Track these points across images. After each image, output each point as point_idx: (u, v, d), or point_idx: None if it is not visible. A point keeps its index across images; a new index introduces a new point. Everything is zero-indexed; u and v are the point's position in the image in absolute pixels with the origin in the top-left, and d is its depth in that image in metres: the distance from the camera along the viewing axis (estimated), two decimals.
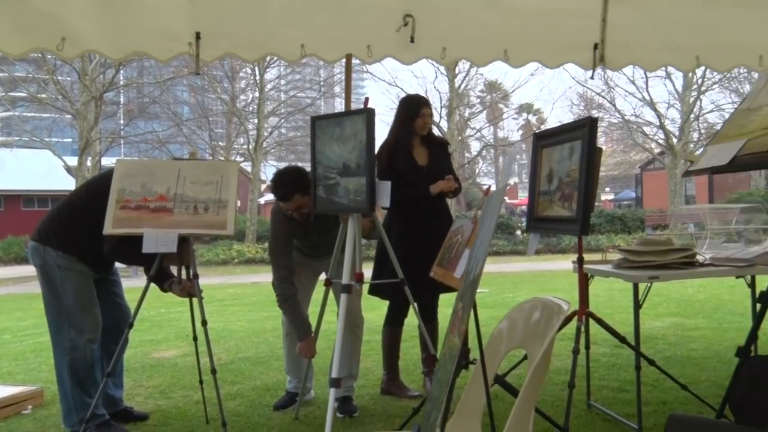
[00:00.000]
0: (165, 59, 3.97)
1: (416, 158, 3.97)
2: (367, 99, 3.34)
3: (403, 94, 6.39)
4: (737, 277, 3.41)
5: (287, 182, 3.56)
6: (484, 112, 29.40)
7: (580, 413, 3.65)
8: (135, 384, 4.60)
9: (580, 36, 4.20)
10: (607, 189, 40.79)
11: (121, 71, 22.62)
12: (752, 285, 3.78)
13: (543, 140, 3.30)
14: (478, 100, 29.52)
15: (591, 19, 4.12)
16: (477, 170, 34.97)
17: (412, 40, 3.89)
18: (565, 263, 6.53)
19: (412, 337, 4.76)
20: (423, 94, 5.22)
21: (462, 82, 23.18)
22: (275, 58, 10.48)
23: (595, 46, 4.20)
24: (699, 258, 3.42)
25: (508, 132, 37.70)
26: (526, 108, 36.90)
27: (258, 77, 23.26)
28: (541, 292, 3.79)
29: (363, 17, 3.92)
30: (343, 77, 5.63)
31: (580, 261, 3.11)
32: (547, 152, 3.21)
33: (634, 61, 4.54)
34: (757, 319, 2.34)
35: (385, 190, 3.26)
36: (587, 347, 3.73)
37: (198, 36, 3.76)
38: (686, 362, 4.77)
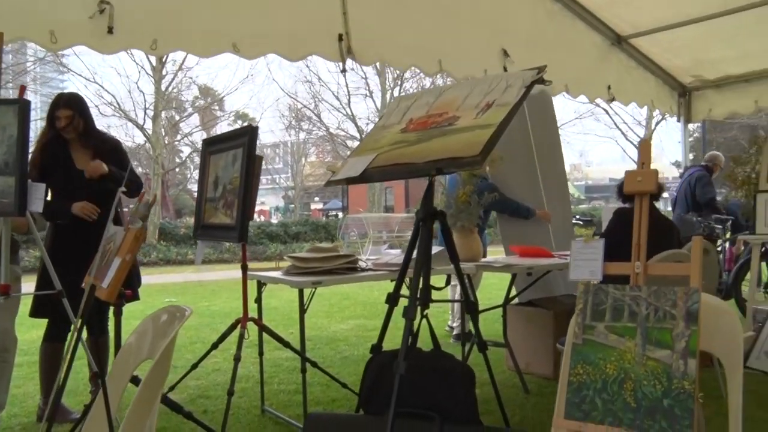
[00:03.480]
0: None
1: (75, 161, 3.65)
2: (23, 87, 2.97)
3: (104, 93, 5.82)
4: (392, 281, 3.74)
5: None
6: (195, 116, 28.66)
7: (253, 419, 3.68)
8: None
9: (324, 27, 4.09)
10: (317, 198, 42.64)
11: None
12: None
13: (211, 146, 3.27)
14: (188, 103, 28.68)
15: (332, 9, 4.09)
16: (189, 176, 33.90)
17: (110, 31, 3.46)
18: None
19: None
20: (127, 94, 4.79)
21: (170, 85, 22.29)
22: None
23: (340, 38, 4.09)
24: (361, 264, 3.68)
25: None
26: (241, 116, 36.91)
27: None
28: (237, 299, 3.78)
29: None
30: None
31: (244, 269, 3.13)
32: (214, 159, 3.18)
33: (382, 58, 4.57)
34: (386, 318, 2.57)
35: (38, 193, 2.95)
36: (261, 353, 3.80)
37: None
38: (360, 361, 5.12)
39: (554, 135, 5.72)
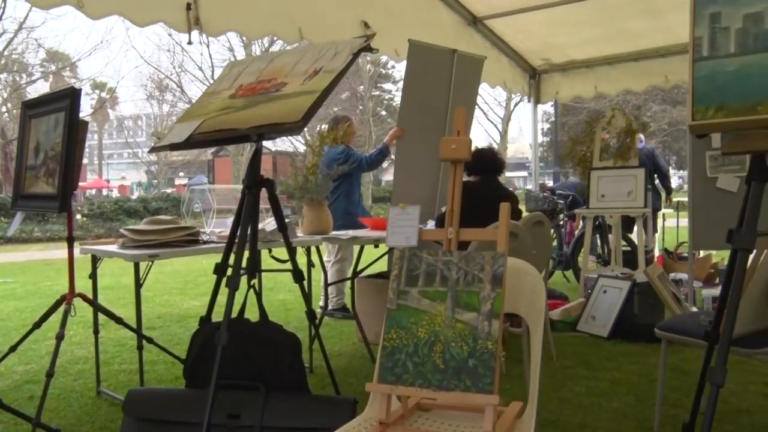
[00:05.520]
0: None
1: None
2: None
3: None
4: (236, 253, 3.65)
5: None
6: (43, 81, 26.52)
7: (87, 402, 3.47)
8: None
9: None
10: (181, 174, 41.07)
11: None
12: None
13: (31, 110, 3.00)
14: (35, 67, 26.48)
15: None
16: None
17: None
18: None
19: None
20: None
21: (8, 44, 20.38)
22: None
23: (188, 6, 3.80)
24: (204, 236, 3.55)
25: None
26: (99, 85, 34.64)
27: None
28: (84, 278, 3.52)
29: None
30: None
31: (69, 241, 2.92)
32: (35, 123, 2.93)
33: (236, 27, 4.32)
34: (214, 290, 2.50)
35: None
36: (96, 332, 3.59)
37: None
38: None
39: (472, 99, 5.67)
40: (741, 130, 1.68)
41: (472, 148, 4.17)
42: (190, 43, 3.85)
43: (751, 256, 2.27)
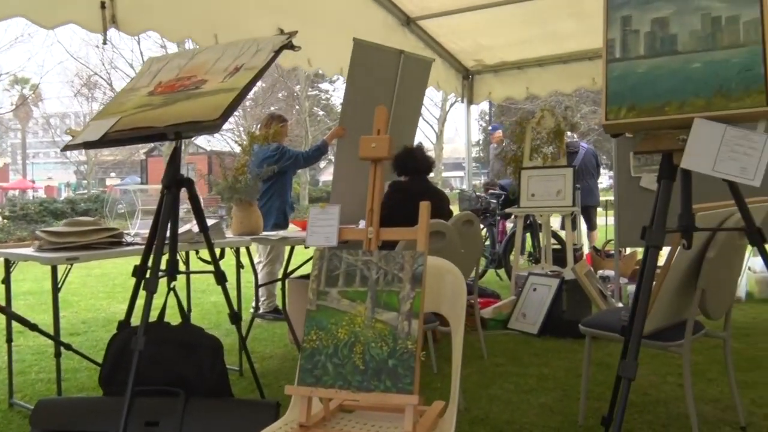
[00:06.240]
0: None
1: None
2: None
3: None
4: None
5: None
6: None
7: None
8: None
9: None
10: (113, 174, 39.80)
11: None
12: (187, 261, 4.01)
13: None
14: None
15: None
16: None
17: None
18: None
19: None
20: None
21: None
22: None
23: (102, 5, 3.66)
24: (127, 238, 3.44)
25: None
26: (21, 81, 33.20)
27: None
28: None
29: None
30: None
31: None
32: None
33: (154, 27, 4.16)
34: (133, 293, 2.42)
35: None
36: (9, 340, 3.41)
37: None
38: None
39: (418, 101, 5.61)
40: (651, 130, 1.73)
41: (403, 148, 4.22)
42: (105, 42, 3.70)
43: (667, 253, 2.35)
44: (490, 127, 12.89)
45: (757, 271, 5.75)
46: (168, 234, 2.26)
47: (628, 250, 6.61)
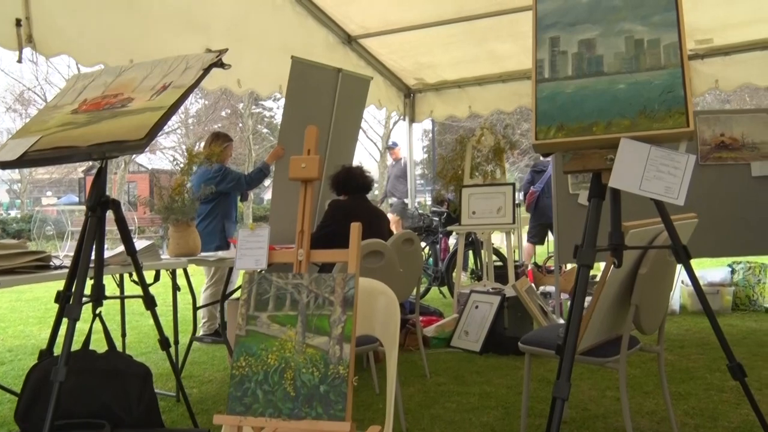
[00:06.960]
0: None
1: None
2: None
3: None
4: (90, 278, 3.42)
5: None
6: None
7: None
8: None
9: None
10: (49, 193, 38.42)
11: None
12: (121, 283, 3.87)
13: None
14: None
15: None
16: None
17: None
18: None
19: None
20: None
21: None
22: None
23: (18, 22, 3.54)
24: (56, 261, 3.29)
25: None
26: None
27: None
28: None
29: None
30: None
31: None
32: None
33: (68, 51, 4.02)
34: (56, 320, 2.31)
35: None
36: None
37: None
38: None
39: (357, 119, 5.58)
40: (579, 149, 1.75)
41: (342, 167, 4.20)
42: (19, 61, 3.58)
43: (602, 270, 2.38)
44: (389, 143, 13.00)
45: (690, 284, 5.93)
46: (94, 257, 2.17)
47: (569, 266, 6.73)
